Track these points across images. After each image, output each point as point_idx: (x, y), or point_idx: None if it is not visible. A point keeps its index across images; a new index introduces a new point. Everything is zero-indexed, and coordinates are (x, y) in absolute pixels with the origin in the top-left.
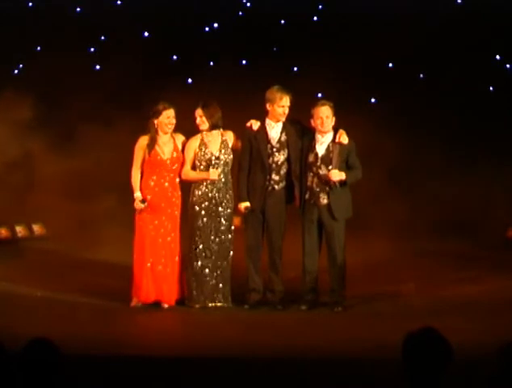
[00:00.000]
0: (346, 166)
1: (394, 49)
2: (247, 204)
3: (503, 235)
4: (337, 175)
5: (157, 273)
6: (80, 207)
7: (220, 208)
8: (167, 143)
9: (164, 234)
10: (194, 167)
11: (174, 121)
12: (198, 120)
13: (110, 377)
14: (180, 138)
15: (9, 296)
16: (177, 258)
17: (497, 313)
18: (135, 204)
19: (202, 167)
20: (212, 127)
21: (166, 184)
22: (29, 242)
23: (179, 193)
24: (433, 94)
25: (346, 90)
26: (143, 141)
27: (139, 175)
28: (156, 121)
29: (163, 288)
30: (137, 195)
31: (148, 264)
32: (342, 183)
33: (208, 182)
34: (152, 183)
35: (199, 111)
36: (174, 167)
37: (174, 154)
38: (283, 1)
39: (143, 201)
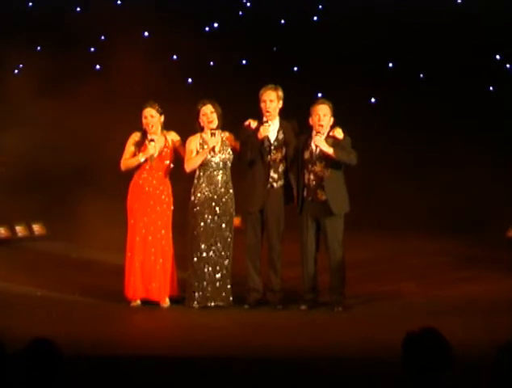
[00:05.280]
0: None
1: (394, 49)
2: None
3: (503, 235)
4: (320, 141)
5: (146, 271)
6: None
7: (220, 208)
8: (158, 141)
9: (154, 232)
10: None
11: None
12: (208, 117)
13: (110, 377)
14: (172, 136)
15: (9, 296)
16: (169, 255)
17: (497, 313)
18: (148, 150)
19: (201, 168)
20: (218, 125)
21: (154, 182)
22: (29, 242)
23: (169, 191)
24: (433, 94)
25: (345, 89)
26: (135, 136)
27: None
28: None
29: (152, 286)
30: (140, 155)
31: (137, 263)
32: (331, 159)
33: (208, 182)
34: (141, 181)
35: (209, 107)
36: (162, 165)
37: (163, 153)
38: (283, 1)
39: (151, 141)
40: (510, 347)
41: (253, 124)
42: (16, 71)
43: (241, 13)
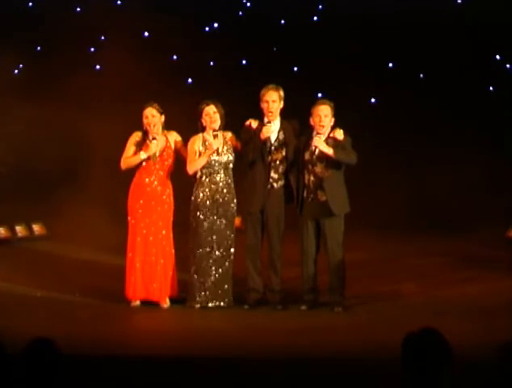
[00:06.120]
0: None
1: (394, 49)
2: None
3: (503, 235)
4: (320, 142)
5: (146, 271)
6: None
7: (221, 209)
8: (159, 140)
9: (155, 232)
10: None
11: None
12: (211, 117)
13: (110, 377)
14: (173, 136)
15: (9, 296)
16: (170, 256)
17: (497, 313)
18: (151, 148)
19: (203, 169)
20: (220, 126)
21: (156, 182)
22: (29, 242)
23: (170, 191)
24: (433, 94)
25: (345, 89)
26: (135, 136)
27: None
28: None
29: (153, 287)
30: (142, 152)
31: (138, 263)
32: (331, 159)
33: (210, 183)
34: (142, 182)
35: (212, 108)
36: (163, 165)
37: (164, 153)
38: (283, 1)
39: (153, 139)
40: (511, 347)
41: (254, 123)
42: (16, 71)
43: (241, 13)
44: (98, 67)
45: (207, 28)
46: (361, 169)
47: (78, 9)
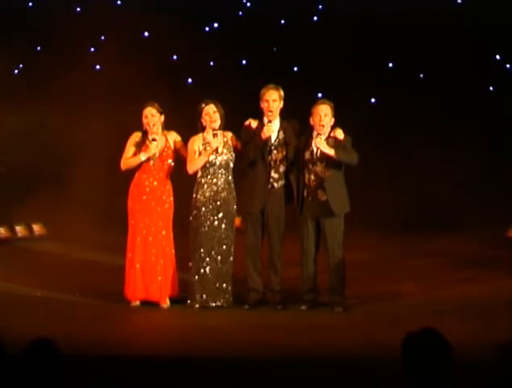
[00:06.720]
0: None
1: (394, 49)
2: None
3: (503, 235)
4: (321, 143)
5: (146, 272)
6: None
7: (222, 209)
8: (159, 140)
9: (155, 232)
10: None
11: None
12: (210, 117)
13: (110, 377)
14: (173, 136)
15: (9, 296)
16: (170, 256)
17: (497, 313)
18: (150, 149)
19: (203, 169)
20: (220, 125)
21: (155, 182)
22: (29, 242)
23: (170, 191)
24: (433, 94)
25: (345, 89)
26: (135, 137)
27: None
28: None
29: (153, 287)
30: (142, 154)
31: (137, 264)
32: (332, 159)
33: (211, 183)
34: (141, 182)
35: (212, 107)
36: (163, 165)
37: (164, 153)
38: (283, 1)
39: (153, 141)
40: (511, 347)
41: (254, 123)
42: (16, 71)
43: (241, 13)
44: (97, 67)
45: (207, 28)
46: (361, 169)
47: (78, 9)
